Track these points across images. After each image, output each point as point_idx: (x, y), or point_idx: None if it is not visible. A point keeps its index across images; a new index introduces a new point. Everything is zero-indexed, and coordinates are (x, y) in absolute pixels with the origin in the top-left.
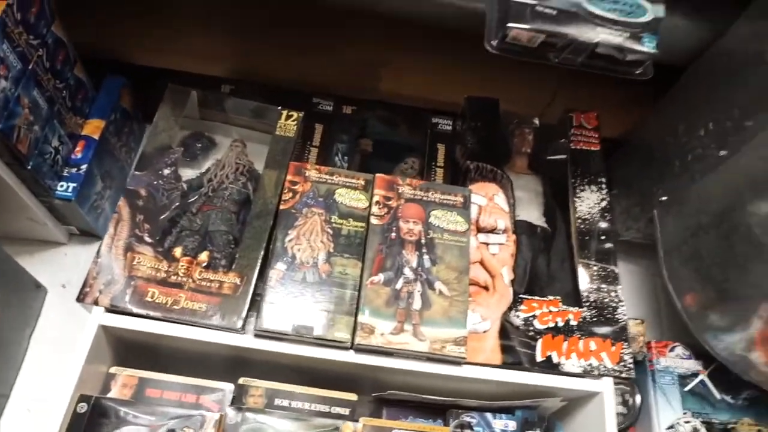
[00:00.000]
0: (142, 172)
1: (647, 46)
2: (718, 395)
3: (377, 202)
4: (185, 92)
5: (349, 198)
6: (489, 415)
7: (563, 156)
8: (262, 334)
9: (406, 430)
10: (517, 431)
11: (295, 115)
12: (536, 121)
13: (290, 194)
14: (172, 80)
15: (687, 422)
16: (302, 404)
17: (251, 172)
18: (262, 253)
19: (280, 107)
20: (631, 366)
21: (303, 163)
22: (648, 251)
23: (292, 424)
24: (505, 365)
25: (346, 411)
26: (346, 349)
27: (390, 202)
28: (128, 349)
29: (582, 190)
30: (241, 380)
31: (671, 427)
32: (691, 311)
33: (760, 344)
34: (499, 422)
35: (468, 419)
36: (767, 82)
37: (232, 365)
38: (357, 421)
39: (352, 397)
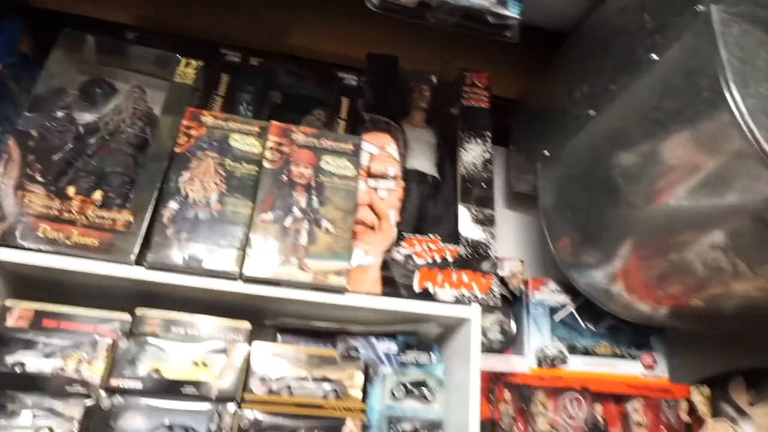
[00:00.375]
0: (33, 114)
1: (511, 11)
2: (582, 324)
3: (271, 148)
4: (81, 37)
5: (244, 143)
6: (373, 339)
7: (456, 111)
8: (154, 266)
9: (298, 352)
10: (398, 353)
11: (194, 63)
12: (434, 79)
13: (185, 138)
14: (77, 26)
15: (553, 346)
16: (198, 332)
17: (149, 117)
18: (156, 193)
19: (178, 55)
20: (498, 296)
21: (199, 110)
22: (536, 202)
23: (187, 348)
24: (384, 294)
25: (240, 338)
26: (235, 279)
27: (283, 148)
28: (26, 285)
29: (468, 143)
30: (137, 311)
31: (540, 349)
32: (564, 252)
33: (621, 278)
34: (382, 345)
35: (354, 343)
36: (628, 50)
37: (132, 298)
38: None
39: (246, 325)
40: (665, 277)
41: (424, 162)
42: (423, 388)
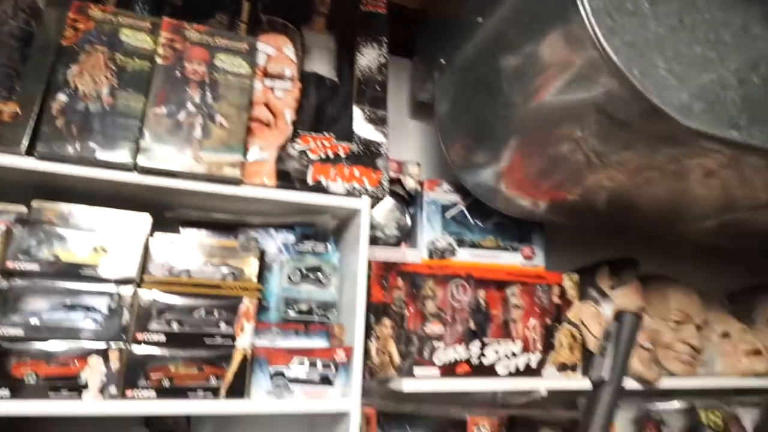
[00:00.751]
0: None
1: None
2: (471, 221)
3: (163, 44)
4: None
5: (135, 39)
6: (272, 230)
7: (355, 17)
8: (46, 156)
9: (199, 242)
10: (296, 243)
11: None
12: None
13: (72, 31)
14: None
15: (443, 239)
16: (98, 223)
17: (33, 9)
18: (43, 85)
19: None
20: (386, 189)
21: (86, 3)
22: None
23: (86, 236)
24: (279, 186)
25: (141, 229)
26: (130, 171)
27: (176, 45)
28: None
29: (365, 47)
30: (34, 203)
31: (431, 242)
32: (456, 155)
33: (505, 176)
34: (281, 236)
35: (254, 234)
36: None
37: (29, 192)
38: (154, 235)
39: (147, 216)
40: (542, 173)
41: (322, 66)
42: (318, 273)
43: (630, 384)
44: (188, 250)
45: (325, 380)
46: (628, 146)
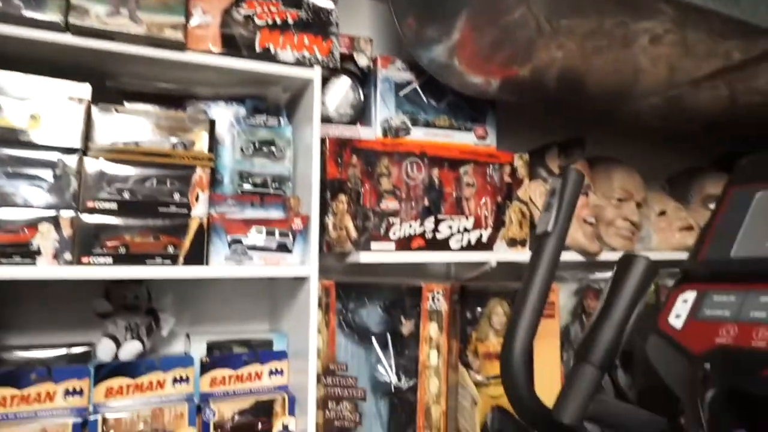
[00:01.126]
0: None
1: None
2: (425, 100)
3: None
4: None
5: None
6: (222, 103)
7: None
8: None
9: (145, 113)
10: (247, 116)
11: None
12: None
13: None
14: None
15: (397, 118)
16: (34, 91)
17: None
18: None
19: None
20: (337, 59)
21: None
22: None
23: (23, 104)
24: (225, 53)
25: (81, 98)
26: (63, 31)
27: None
28: None
29: None
30: None
31: (385, 120)
32: (409, 30)
33: (459, 50)
34: (232, 109)
35: (203, 106)
36: None
37: None
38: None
39: (86, 86)
40: (494, 46)
41: None
42: (272, 146)
43: (573, 256)
44: (134, 121)
45: (283, 248)
46: (577, 10)
